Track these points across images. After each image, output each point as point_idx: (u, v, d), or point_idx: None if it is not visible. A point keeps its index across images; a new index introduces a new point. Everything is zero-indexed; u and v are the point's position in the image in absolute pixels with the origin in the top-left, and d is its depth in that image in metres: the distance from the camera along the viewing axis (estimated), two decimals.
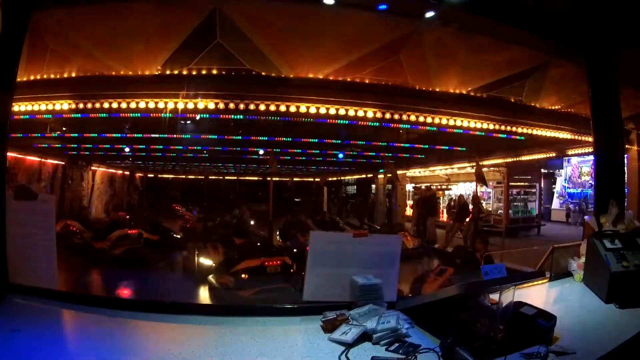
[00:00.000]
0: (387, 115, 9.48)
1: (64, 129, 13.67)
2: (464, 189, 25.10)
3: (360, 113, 9.22)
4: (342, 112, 9.07)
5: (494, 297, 2.66)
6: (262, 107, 8.81)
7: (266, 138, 14.89)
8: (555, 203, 28.54)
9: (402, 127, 10.24)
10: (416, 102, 9.68)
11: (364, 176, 30.96)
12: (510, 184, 21.83)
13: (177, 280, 11.65)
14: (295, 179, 32.45)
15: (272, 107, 8.86)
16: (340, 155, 19.98)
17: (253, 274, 9.13)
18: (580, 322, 2.98)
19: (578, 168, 26.83)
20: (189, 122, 11.22)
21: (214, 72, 8.65)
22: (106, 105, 8.86)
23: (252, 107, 8.77)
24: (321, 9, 7.21)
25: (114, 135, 14.41)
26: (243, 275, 9.10)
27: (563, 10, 5.05)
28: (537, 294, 3.62)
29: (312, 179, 35.42)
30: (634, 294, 3.27)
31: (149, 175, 32.98)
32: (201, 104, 8.71)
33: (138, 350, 2.53)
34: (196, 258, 11.85)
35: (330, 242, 3.40)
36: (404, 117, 9.65)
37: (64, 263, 3.54)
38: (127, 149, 19.16)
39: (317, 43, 8.14)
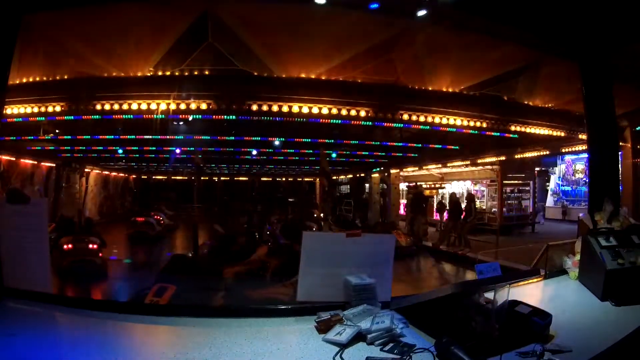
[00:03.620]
0: (380, 114, 9.48)
1: (56, 131, 13.61)
2: (458, 187, 25.07)
3: (353, 112, 9.22)
4: (334, 111, 9.08)
5: (489, 295, 2.65)
6: (254, 107, 8.81)
7: (259, 138, 14.92)
8: (550, 201, 28.58)
9: (395, 126, 10.24)
10: (409, 101, 9.69)
11: (357, 175, 30.91)
12: (504, 182, 21.86)
13: None
14: (285, 179, 32.50)
15: (265, 107, 8.86)
16: (334, 155, 20.00)
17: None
18: (576, 320, 2.96)
19: (572, 165, 26.87)
20: (181, 123, 11.18)
21: (206, 73, 8.65)
22: (98, 107, 8.84)
23: (244, 107, 8.78)
24: (312, 8, 7.17)
25: (106, 137, 14.37)
26: None
27: (556, 8, 5.05)
28: (532, 292, 3.61)
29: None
30: (630, 292, 3.26)
31: (143, 177, 32.93)
32: (193, 104, 8.70)
33: (132, 352, 2.49)
34: None
35: (324, 242, 3.36)
36: (397, 116, 9.66)
37: None
38: (120, 151, 19.12)
39: (309, 43, 8.13)
